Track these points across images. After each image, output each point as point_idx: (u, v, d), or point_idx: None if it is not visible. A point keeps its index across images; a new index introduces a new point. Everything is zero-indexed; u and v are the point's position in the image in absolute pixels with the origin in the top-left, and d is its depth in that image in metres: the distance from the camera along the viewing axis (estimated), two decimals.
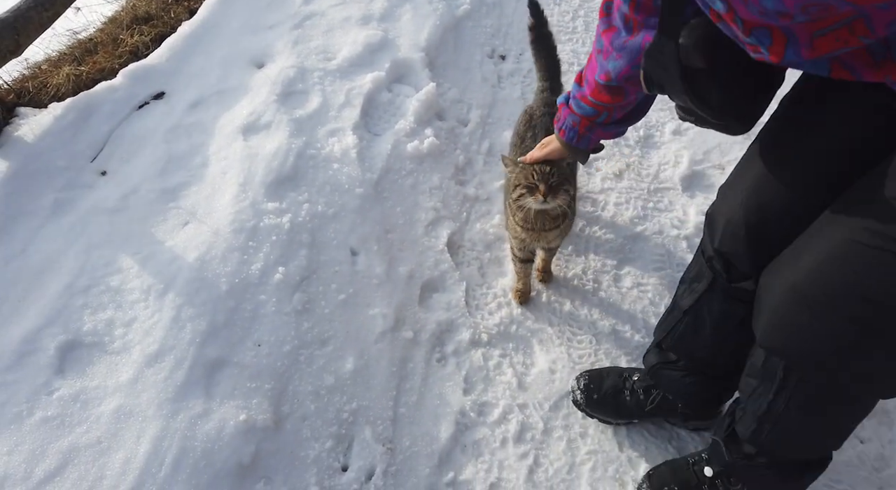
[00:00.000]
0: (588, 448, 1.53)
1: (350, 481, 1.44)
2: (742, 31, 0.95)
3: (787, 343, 1.03)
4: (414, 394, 1.62)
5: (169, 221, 1.82)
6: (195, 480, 1.33)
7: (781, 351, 1.05)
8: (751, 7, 0.88)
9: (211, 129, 2.12)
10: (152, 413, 1.41)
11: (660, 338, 1.45)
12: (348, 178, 1.99)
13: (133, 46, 2.50)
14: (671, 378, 1.46)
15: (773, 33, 0.92)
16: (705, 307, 1.31)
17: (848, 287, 0.92)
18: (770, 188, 1.11)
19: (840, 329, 0.94)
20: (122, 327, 1.57)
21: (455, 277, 1.88)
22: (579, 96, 1.34)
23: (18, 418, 1.39)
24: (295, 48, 2.42)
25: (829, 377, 1.03)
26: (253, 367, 1.53)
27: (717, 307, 1.29)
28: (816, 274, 0.96)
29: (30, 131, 2.03)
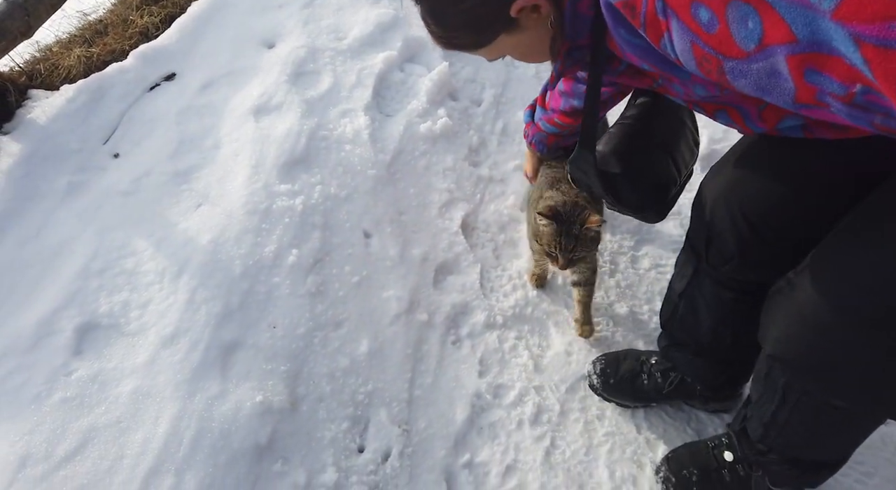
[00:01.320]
0: (605, 430, 1.53)
1: (366, 462, 1.44)
2: (709, 115, 1.10)
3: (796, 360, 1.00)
4: (429, 376, 1.61)
5: (182, 204, 1.82)
6: (213, 460, 1.34)
7: (789, 365, 1.03)
8: (693, 97, 1.03)
9: (222, 110, 2.10)
10: (169, 394, 1.41)
11: (664, 321, 1.46)
12: (361, 160, 1.97)
13: (143, 27, 2.48)
14: (682, 360, 1.46)
15: (729, 113, 1.05)
16: (696, 291, 1.31)
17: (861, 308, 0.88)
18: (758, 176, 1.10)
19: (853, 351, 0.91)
20: (137, 309, 1.57)
21: (469, 259, 1.86)
22: (545, 119, 1.55)
23: (38, 399, 1.40)
24: (305, 28, 2.39)
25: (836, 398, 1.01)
26: (268, 349, 1.53)
27: (708, 291, 1.29)
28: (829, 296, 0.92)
29: (42, 114, 2.02)
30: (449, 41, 1.04)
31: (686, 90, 1.00)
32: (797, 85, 0.65)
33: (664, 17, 0.71)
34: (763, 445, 1.21)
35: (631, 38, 0.83)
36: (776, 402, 1.11)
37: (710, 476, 1.33)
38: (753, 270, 1.17)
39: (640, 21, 0.75)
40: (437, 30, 1.03)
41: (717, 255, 1.19)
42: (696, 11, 0.68)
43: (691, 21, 0.69)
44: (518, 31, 0.97)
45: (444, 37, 1.03)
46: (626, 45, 0.86)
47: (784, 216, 1.06)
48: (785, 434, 1.15)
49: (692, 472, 1.35)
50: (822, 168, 1.02)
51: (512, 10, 0.92)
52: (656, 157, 1.29)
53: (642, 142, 1.28)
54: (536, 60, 1.12)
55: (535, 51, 1.05)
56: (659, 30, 0.74)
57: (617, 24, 0.83)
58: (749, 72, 0.68)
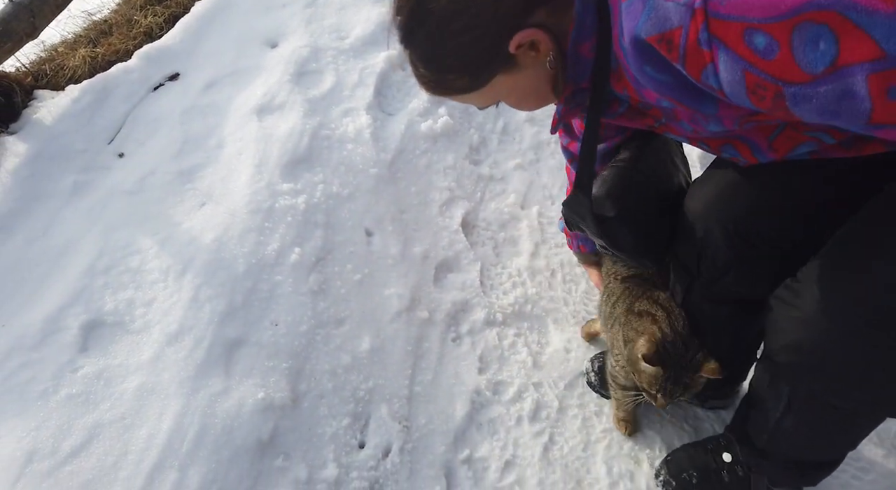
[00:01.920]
0: (603, 426, 1.54)
1: (367, 458, 1.46)
2: (713, 150, 1.07)
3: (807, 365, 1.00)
4: (429, 373, 1.63)
5: (186, 203, 1.84)
6: (216, 456, 1.36)
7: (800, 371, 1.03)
8: (702, 134, 1.00)
9: (226, 109, 2.12)
10: (173, 391, 1.44)
11: None
12: (362, 159, 1.98)
13: (147, 27, 2.50)
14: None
15: (736, 146, 1.02)
16: (691, 307, 1.31)
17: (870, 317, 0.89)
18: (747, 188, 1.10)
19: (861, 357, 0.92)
20: (142, 307, 1.59)
21: (470, 257, 1.88)
22: None
23: (45, 395, 1.43)
24: (308, 27, 2.40)
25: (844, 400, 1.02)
26: (271, 347, 1.55)
27: (704, 307, 1.28)
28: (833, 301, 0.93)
29: (48, 114, 2.05)
30: (441, 85, 0.98)
31: (696, 127, 0.97)
32: (876, 105, 0.62)
33: (709, 47, 0.69)
34: (766, 450, 1.22)
35: (657, 74, 0.79)
36: (780, 410, 1.11)
37: (709, 477, 1.34)
38: (749, 284, 1.17)
39: (678, 54, 0.72)
40: (428, 73, 0.97)
41: (710, 270, 1.18)
42: (751, 38, 0.65)
43: (744, 49, 0.66)
44: (516, 70, 0.93)
45: (436, 81, 0.97)
46: (649, 82, 0.82)
47: (776, 227, 1.07)
48: (789, 439, 1.16)
49: (692, 474, 1.36)
50: (808, 179, 1.03)
51: (510, 46, 0.88)
52: (651, 200, 1.27)
53: (637, 184, 1.25)
54: (532, 105, 1.06)
55: (532, 94, 1.01)
56: (702, 61, 0.71)
57: (643, 61, 0.79)
58: (814, 96, 0.65)
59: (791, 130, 0.93)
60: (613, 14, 0.83)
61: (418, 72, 0.98)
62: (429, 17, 0.88)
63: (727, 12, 0.66)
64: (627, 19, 0.77)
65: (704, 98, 0.80)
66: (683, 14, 0.69)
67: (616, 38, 0.84)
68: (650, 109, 1.00)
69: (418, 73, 0.99)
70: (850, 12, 0.58)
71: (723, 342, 1.33)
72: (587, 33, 0.89)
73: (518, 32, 0.86)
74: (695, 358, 1.22)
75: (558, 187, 2.11)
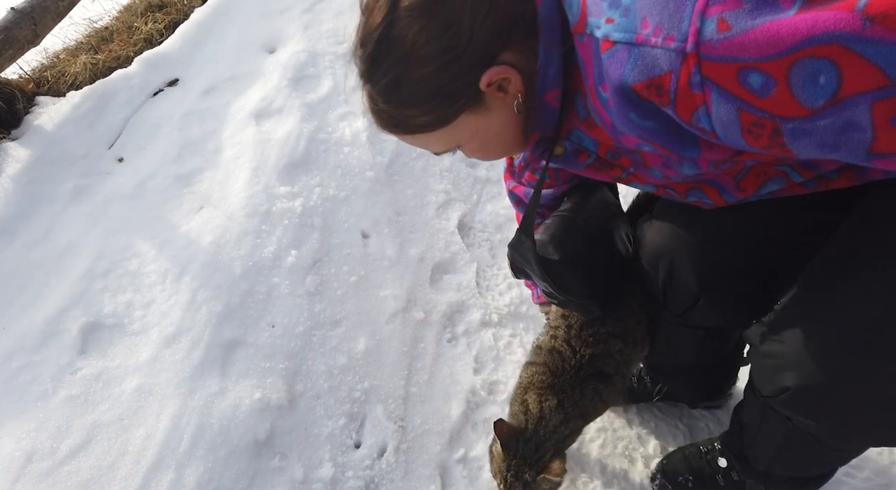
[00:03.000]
0: (597, 425, 1.55)
1: (363, 457, 1.47)
2: (680, 197, 1.05)
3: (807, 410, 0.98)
4: (425, 373, 1.64)
5: (184, 206, 1.86)
6: (213, 456, 1.37)
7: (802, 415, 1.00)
8: (673, 179, 0.98)
9: (224, 114, 2.14)
10: (171, 392, 1.45)
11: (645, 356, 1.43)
12: (359, 162, 2.00)
13: (147, 34, 2.54)
14: (667, 380, 1.49)
15: (703, 190, 1.01)
16: (665, 333, 1.30)
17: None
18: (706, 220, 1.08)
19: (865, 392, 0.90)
20: (140, 309, 1.61)
21: (466, 258, 1.89)
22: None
23: (44, 396, 1.45)
24: (306, 32, 2.43)
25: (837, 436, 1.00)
26: (267, 348, 1.56)
27: (677, 332, 1.28)
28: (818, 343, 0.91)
29: (49, 120, 2.08)
30: (400, 122, 0.91)
31: (668, 172, 0.95)
32: (878, 134, 0.62)
33: (700, 90, 0.68)
34: (766, 472, 1.21)
35: (641, 121, 0.78)
36: (779, 442, 1.10)
37: (704, 482, 1.34)
38: (719, 313, 1.15)
39: (668, 99, 0.71)
40: (388, 108, 0.89)
41: (678, 302, 1.17)
42: (746, 78, 0.65)
43: (739, 88, 0.66)
44: (483, 110, 0.89)
45: (395, 117, 0.90)
46: (632, 129, 0.80)
47: (742, 252, 1.06)
48: (792, 462, 1.16)
49: (687, 478, 1.36)
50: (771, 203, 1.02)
51: (482, 82, 0.84)
52: (593, 245, 1.25)
53: (578, 230, 1.24)
54: (494, 152, 1.01)
55: (495, 139, 0.96)
56: (693, 104, 0.70)
57: (628, 109, 0.77)
58: (814, 130, 0.65)
59: (759, 166, 0.93)
60: (586, 64, 0.82)
61: (376, 107, 0.91)
62: (398, 44, 0.83)
63: (720, 54, 0.65)
64: (609, 68, 0.76)
65: (687, 142, 0.79)
66: (674, 59, 0.68)
67: (592, 88, 0.83)
68: (618, 160, 0.99)
69: (376, 109, 0.91)
70: (855, 44, 0.58)
71: (703, 357, 1.34)
72: (551, 83, 0.87)
73: (490, 68, 0.84)
74: (543, 457, 1.19)
75: None
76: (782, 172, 0.92)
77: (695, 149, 0.80)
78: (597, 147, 0.98)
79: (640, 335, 1.31)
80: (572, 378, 1.25)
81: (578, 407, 1.24)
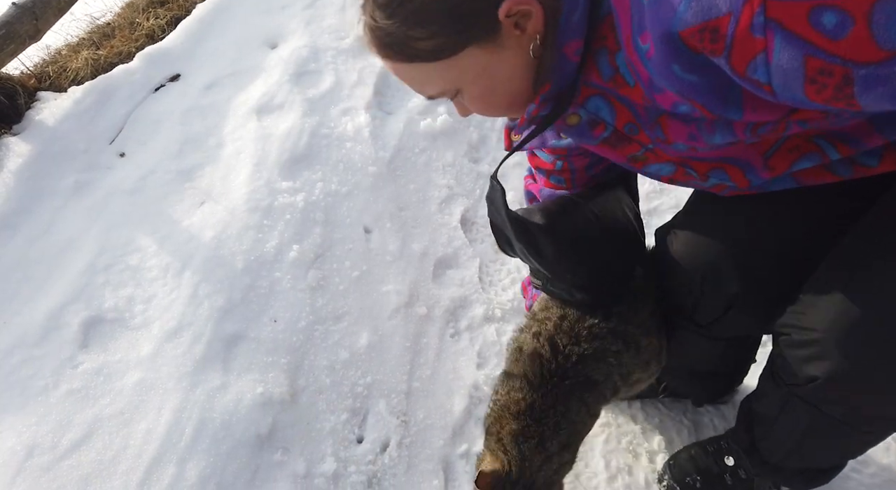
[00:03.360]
0: (601, 420, 1.53)
1: (365, 452, 1.46)
2: (699, 179, 0.97)
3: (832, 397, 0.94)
4: (428, 368, 1.63)
5: (185, 201, 1.85)
6: (215, 450, 1.36)
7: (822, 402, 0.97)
8: (700, 149, 0.89)
9: (225, 110, 2.14)
10: (172, 386, 1.45)
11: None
12: (361, 157, 1.99)
13: (149, 29, 2.53)
14: (676, 382, 1.47)
15: (726, 170, 0.93)
16: (684, 342, 1.24)
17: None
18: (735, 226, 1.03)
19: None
20: (141, 304, 1.60)
21: (468, 254, 1.88)
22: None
23: (45, 391, 1.44)
24: (308, 28, 2.42)
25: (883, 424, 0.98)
26: (269, 342, 1.56)
27: (698, 343, 1.22)
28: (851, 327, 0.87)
29: (51, 115, 2.07)
30: (399, 44, 0.81)
31: (695, 143, 0.88)
32: None
33: (762, 33, 0.62)
34: (778, 465, 1.19)
35: (684, 74, 0.71)
36: (799, 435, 1.07)
37: (713, 481, 1.32)
38: (749, 322, 1.10)
39: (723, 44, 0.65)
40: (388, 24, 0.79)
41: (707, 313, 1.12)
42: (819, 18, 0.59)
43: (809, 30, 0.60)
44: (495, 47, 0.80)
45: (396, 36, 0.80)
46: (674, 83, 0.73)
47: (775, 257, 1.01)
48: (806, 456, 1.13)
49: (695, 478, 1.33)
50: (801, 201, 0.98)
51: (501, 11, 0.76)
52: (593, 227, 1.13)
53: (580, 211, 1.14)
54: (496, 105, 0.90)
55: (502, 87, 0.86)
56: (752, 50, 0.64)
57: (672, 59, 0.70)
58: (890, 77, 0.59)
59: (794, 139, 0.87)
60: (621, 12, 0.75)
61: (375, 24, 0.80)
62: None
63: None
64: (657, 13, 0.69)
65: (731, 101, 0.74)
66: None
67: (628, 38, 0.76)
68: (637, 134, 0.91)
69: (374, 27, 0.80)
70: None
71: (719, 365, 1.32)
72: (573, 31, 0.80)
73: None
74: None
75: None
76: (818, 147, 0.85)
77: (738, 109, 0.74)
78: (615, 118, 0.90)
79: (644, 344, 1.15)
80: (555, 391, 1.09)
81: (564, 431, 1.09)
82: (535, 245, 1.09)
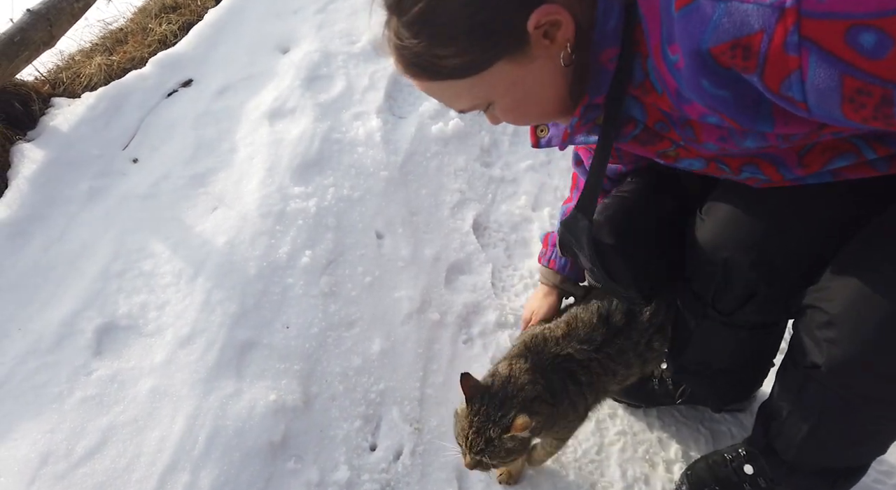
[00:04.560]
0: (617, 429, 1.52)
1: (378, 460, 1.45)
2: (732, 173, 0.97)
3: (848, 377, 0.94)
4: (441, 375, 1.62)
5: (198, 207, 1.85)
6: (228, 458, 1.36)
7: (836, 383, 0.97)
8: (730, 152, 0.89)
9: (238, 115, 2.14)
10: (185, 393, 1.44)
11: (673, 356, 1.38)
12: (373, 162, 1.99)
13: (161, 35, 2.54)
14: (694, 384, 1.44)
15: (759, 165, 0.93)
16: (708, 333, 1.25)
17: None
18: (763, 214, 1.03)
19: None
20: (155, 310, 1.60)
21: (481, 259, 1.87)
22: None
23: (59, 398, 1.44)
24: (319, 32, 2.42)
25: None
26: (282, 349, 1.55)
27: (721, 332, 1.22)
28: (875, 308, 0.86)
29: (64, 121, 2.08)
30: (426, 63, 0.79)
31: (725, 145, 0.87)
32: None
33: (797, 52, 0.61)
34: (795, 463, 1.17)
35: (715, 89, 0.70)
36: (813, 420, 1.05)
37: None
38: (769, 310, 1.10)
39: (755, 63, 0.64)
40: (416, 44, 0.78)
41: (729, 302, 1.12)
42: (856, 38, 0.58)
43: (846, 50, 0.59)
44: (524, 60, 0.78)
45: (423, 56, 0.78)
46: (703, 98, 0.72)
47: (799, 247, 1.00)
48: (820, 449, 1.11)
49: (713, 488, 1.31)
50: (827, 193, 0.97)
51: (529, 23, 0.74)
52: (651, 233, 1.18)
53: (639, 216, 1.17)
54: (528, 115, 0.90)
55: (533, 96, 0.85)
56: (784, 69, 0.63)
57: (702, 74, 0.69)
58: None
59: (831, 140, 0.85)
60: (649, 19, 0.74)
61: (400, 43, 0.79)
62: None
63: (826, 9, 0.58)
64: (686, 27, 0.68)
65: (762, 115, 0.72)
66: (768, 16, 0.61)
67: (656, 47, 0.74)
68: (668, 132, 0.90)
69: (400, 46, 0.80)
70: None
71: (739, 359, 1.30)
72: (609, 40, 0.78)
73: (541, 5, 0.73)
74: (507, 414, 1.12)
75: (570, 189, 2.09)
76: (854, 146, 0.84)
77: (769, 123, 0.73)
78: (646, 116, 0.89)
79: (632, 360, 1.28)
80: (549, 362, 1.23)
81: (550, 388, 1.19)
82: (608, 268, 1.15)
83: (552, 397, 1.20)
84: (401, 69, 0.83)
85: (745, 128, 0.76)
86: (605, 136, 0.92)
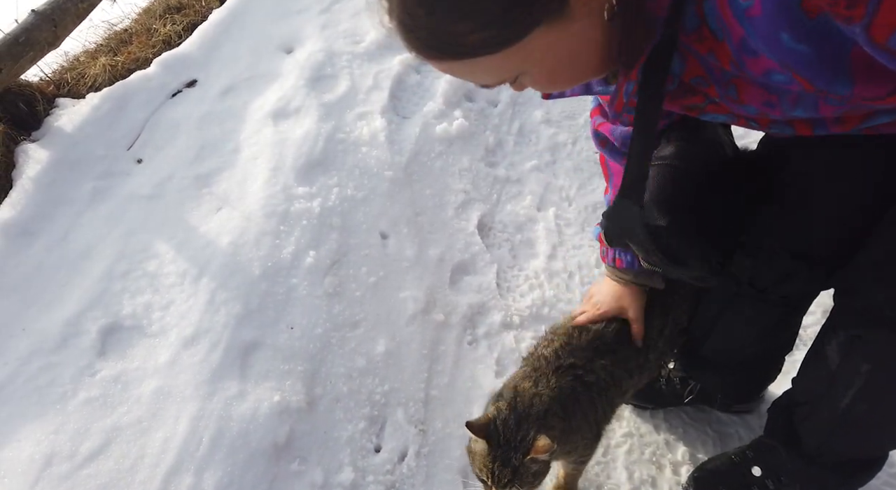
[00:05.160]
0: (624, 431, 1.50)
1: (383, 462, 1.44)
2: (760, 127, 0.91)
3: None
4: (445, 376, 1.61)
5: (202, 207, 1.85)
6: (232, 459, 1.35)
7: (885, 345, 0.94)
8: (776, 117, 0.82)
9: (242, 115, 2.14)
10: (189, 394, 1.44)
11: (692, 346, 1.36)
12: (377, 162, 1.98)
13: (166, 36, 2.54)
14: (709, 378, 1.42)
15: (794, 126, 0.86)
16: (736, 314, 1.22)
17: None
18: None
19: None
20: (159, 311, 1.60)
21: (486, 259, 1.86)
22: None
23: (63, 398, 1.44)
24: (323, 32, 2.42)
25: None
26: (286, 350, 1.54)
27: (750, 312, 1.19)
28: None
29: (69, 121, 2.08)
30: (444, 41, 0.69)
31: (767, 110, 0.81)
32: None
33: None
34: (819, 449, 1.15)
35: (794, 43, 0.62)
36: (853, 394, 1.00)
37: None
38: (809, 286, 1.09)
39: (864, 10, 0.55)
40: (431, 22, 0.68)
41: (769, 279, 1.07)
42: None
43: None
44: (563, 21, 0.67)
45: (440, 33, 0.68)
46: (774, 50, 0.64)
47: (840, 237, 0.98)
48: (857, 428, 1.07)
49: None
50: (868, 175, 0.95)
51: None
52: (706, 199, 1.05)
53: (689, 183, 1.04)
54: (562, 81, 0.80)
55: (570, 62, 0.75)
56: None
57: (780, 24, 0.61)
58: None
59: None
60: None
61: (412, 23, 0.69)
62: None
63: None
64: None
65: (841, 75, 0.65)
66: None
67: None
68: (706, 88, 0.81)
69: (411, 26, 0.69)
70: None
71: (760, 346, 1.28)
72: None
73: None
74: (527, 436, 1.06)
75: (575, 188, 2.08)
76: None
77: (848, 84, 0.65)
78: (684, 70, 0.80)
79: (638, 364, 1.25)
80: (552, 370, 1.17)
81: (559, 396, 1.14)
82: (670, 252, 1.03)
83: (563, 411, 1.15)
84: (415, 52, 0.73)
85: (818, 88, 0.68)
86: (650, 97, 0.80)
